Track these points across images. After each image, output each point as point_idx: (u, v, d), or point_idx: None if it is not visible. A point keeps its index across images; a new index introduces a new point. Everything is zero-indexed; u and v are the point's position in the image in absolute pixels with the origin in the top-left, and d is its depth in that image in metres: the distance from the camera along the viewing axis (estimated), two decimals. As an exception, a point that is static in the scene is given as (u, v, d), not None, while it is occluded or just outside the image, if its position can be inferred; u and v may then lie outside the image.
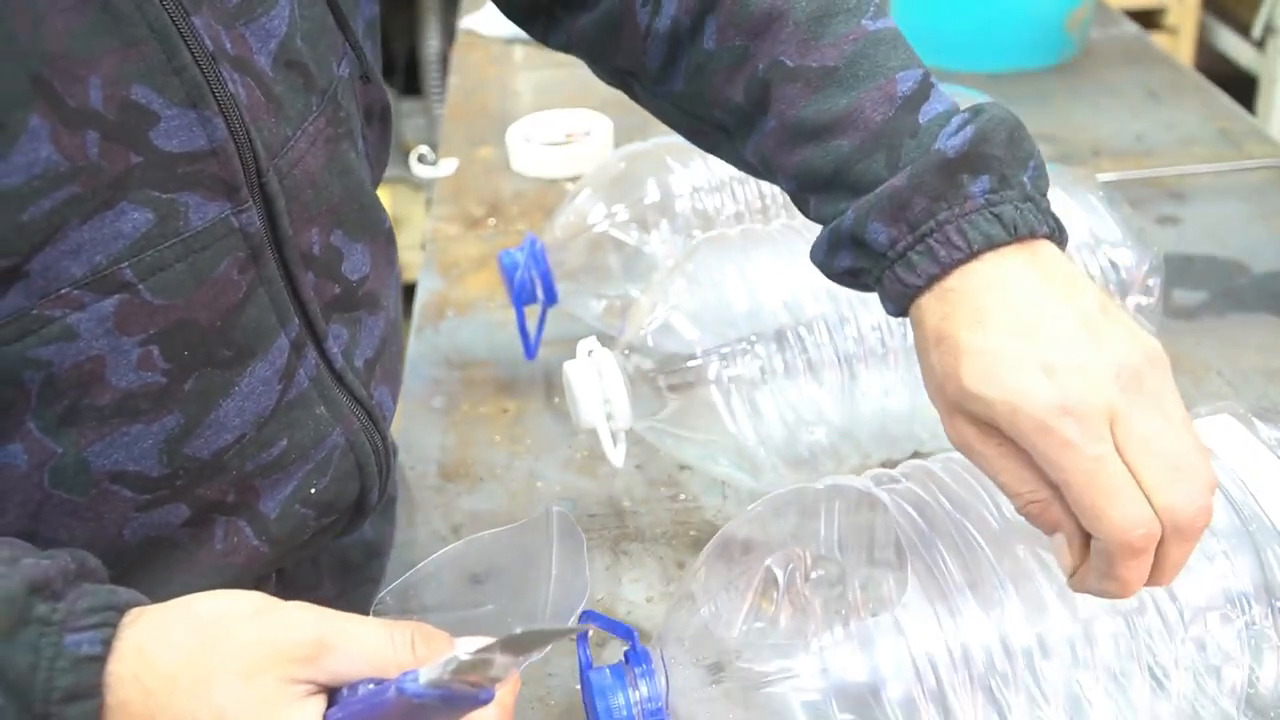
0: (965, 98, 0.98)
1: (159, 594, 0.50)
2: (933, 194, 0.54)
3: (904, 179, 0.54)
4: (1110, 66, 1.45)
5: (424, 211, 1.30)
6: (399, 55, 3.01)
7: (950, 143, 0.54)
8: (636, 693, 0.56)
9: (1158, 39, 2.05)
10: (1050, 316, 0.51)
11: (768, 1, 0.59)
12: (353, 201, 0.63)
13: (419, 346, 1.00)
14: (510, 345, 0.95)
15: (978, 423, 0.52)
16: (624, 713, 0.56)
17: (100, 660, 0.46)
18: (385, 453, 0.66)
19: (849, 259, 0.57)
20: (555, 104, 1.35)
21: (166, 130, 0.52)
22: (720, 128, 0.64)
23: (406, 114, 3.04)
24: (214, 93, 0.53)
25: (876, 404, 0.75)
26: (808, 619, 0.54)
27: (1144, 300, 0.78)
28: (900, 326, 0.74)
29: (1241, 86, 2.47)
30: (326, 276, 0.61)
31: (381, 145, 0.74)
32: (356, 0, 0.67)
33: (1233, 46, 2.75)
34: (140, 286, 0.53)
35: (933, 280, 0.54)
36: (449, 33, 2.37)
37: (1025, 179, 0.55)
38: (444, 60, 2.64)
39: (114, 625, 0.47)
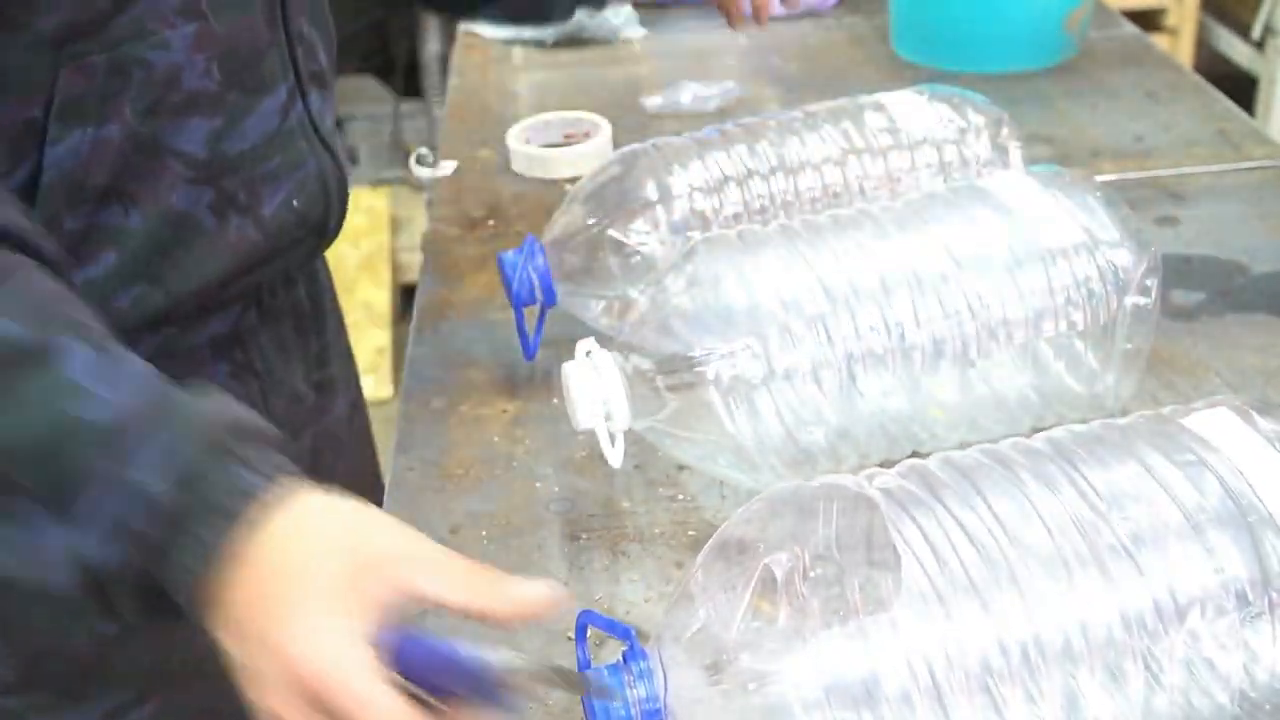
0: (965, 99, 0.99)
1: (189, 270, 0.80)
2: None
3: None
4: (1109, 67, 1.45)
5: (424, 212, 1.30)
6: (399, 56, 3.02)
7: None
8: (634, 692, 0.56)
9: (1157, 40, 2.05)
10: None
11: None
12: (321, 10, 0.88)
13: (419, 347, 1.00)
14: (510, 346, 0.95)
15: None
16: (622, 713, 0.56)
17: (259, 501, 0.56)
18: (342, 188, 0.90)
19: None
20: (554, 106, 1.35)
21: None
22: None
23: (406, 115, 3.04)
24: None
25: (875, 404, 0.75)
26: (806, 619, 0.54)
27: (1141, 300, 0.78)
28: (898, 327, 0.74)
29: (1241, 87, 2.47)
30: (309, 55, 0.85)
31: None
32: None
33: (1232, 47, 2.75)
34: (211, 19, 0.76)
35: None
36: (449, 34, 2.37)
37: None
38: (444, 62, 2.63)
39: (282, 480, 0.57)
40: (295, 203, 0.85)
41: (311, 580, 0.55)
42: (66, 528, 0.57)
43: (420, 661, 0.53)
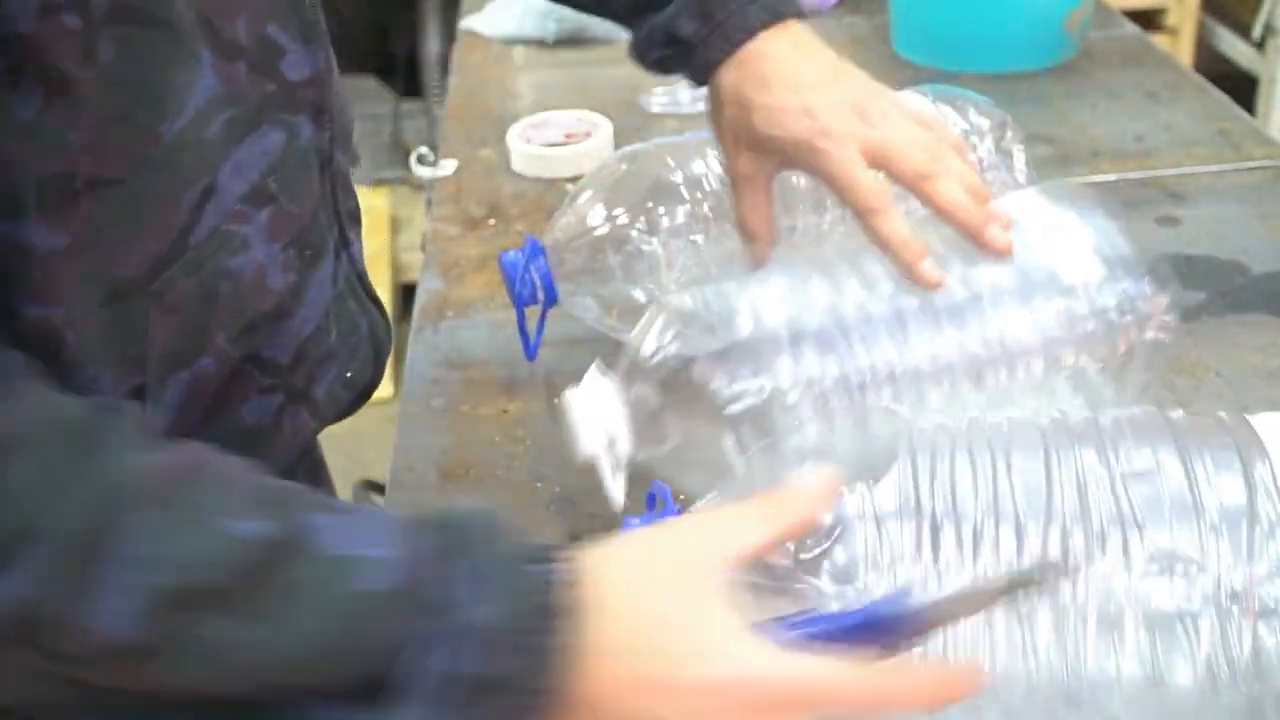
0: (968, 100, 0.99)
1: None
2: None
3: None
4: (1109, 67, 1.45)
5: (424, 212, 1.30)
6: (399, 56, 3.02)
7: None
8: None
9: (1157, 40, 2.05)
10: (806, 75, 0.77)
11: None
12: (351, 129, 0.76)
13: (419, 347, 1.00)
14: (510, 345, 0.95)
15: (758, 157, 0.78)
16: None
17: (567, 584, 0.50)
18: (388, 339, 0.80)
19: (659, 51, 0.81)
20: (555, 105, 1.35)
21: (291, 63, 0.63)
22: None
23: (407, 114, 3.04)
24: (317, 29, 0.65)
25: None
26: None
27: (1160, 336, 0.76)
28: (913, 362, 0.73)
29: (1241, 87, 2.47)
30: (347, 193, 0.73)
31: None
32: None
33: (1232, 47, 2.75)
34: (280, 198, 0.62)
35: (726, 56, 0.77)
36: (449, 33, 2.37)
37: None
38: (444, 61, 2.63)
39: (560, 561, 0.51)
40: (349, 374, 0.73)
41: (671, 612, 0.51)
42: (382, 714, 0.50)
43: (824, 636, 0.51)
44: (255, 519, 0.50)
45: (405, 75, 3.02)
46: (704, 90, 0.82)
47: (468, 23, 1.68)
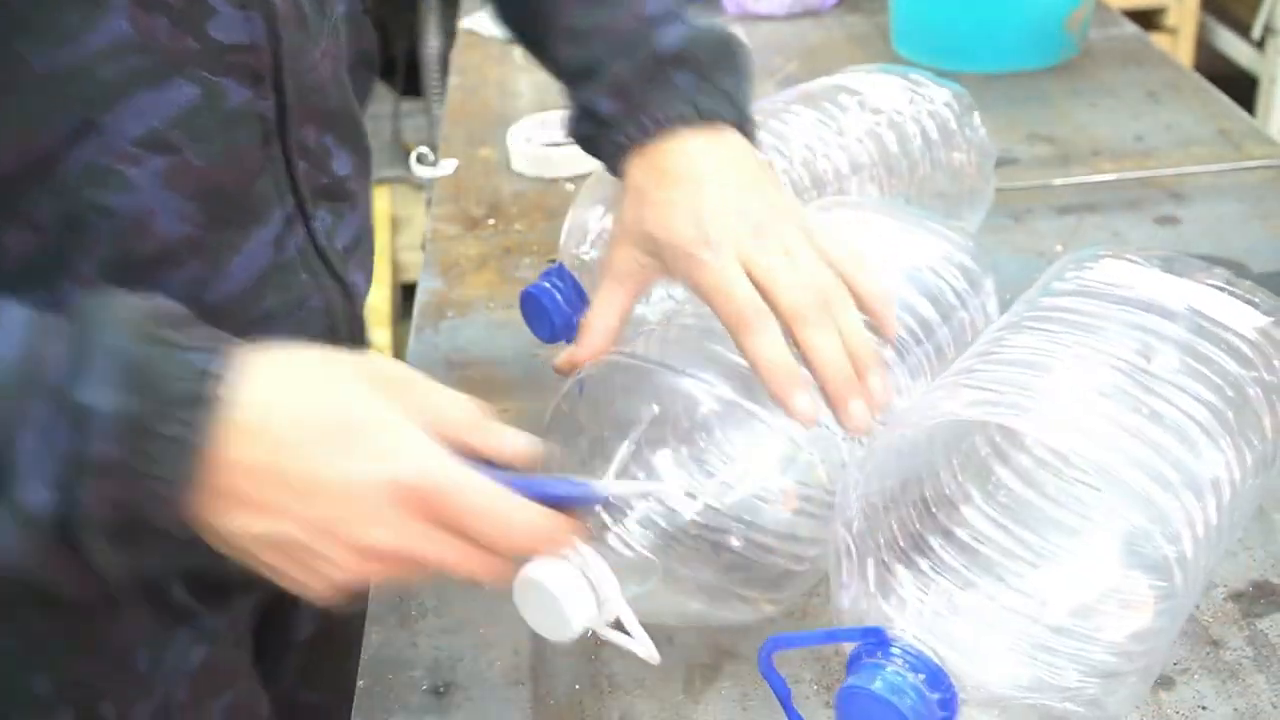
0: (962, 101, 0.99)
1: None
2: (646, 80, 0.72)
3: (627, 67, 0.73)
4: (1110, 67, 1.45)
5: (424, 211, 1.30)
6: (399, 56, 3.01)
7: (666, 45, 0.72)
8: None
9: (1157, 39, 2.05)
10: (711, 181, 0.70)
11: None
12: (343, 113, 0.74)
13: (419, 346, 1.00)
14: (510, 345, 0.95)
15: (637, 256, 0.71)
16: None
17: (217, 377, 0.52)
18: (355, 322, 0.77)
19: (585, 127, 0.76)
20: (555, 104, 1.33)
21: (220, 23, 0.62)
22: (535, 40, 0.83)
23: (406, 114, 3.04)
24: (268, 3, 0.64)
25: None
26: None
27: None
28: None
29: (1241, 86, 2.47)
30: (317, 169, 0.71)
31: (366, 86, 0.85)
32: None
33: (1233, 47, 2.75)
34: (185, 151, 0.63)
35: (638, 145, 0.72)
36: (449, 33, 2.37)
37: (728, 80, 0.73)
38: (444, 60, 2.63)
39: (224, 353, 0.53)
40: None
41: (350, 409, 0.54)
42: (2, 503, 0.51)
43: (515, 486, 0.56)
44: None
45: (405, 75, 3.02)
46: None
47: (467, 22, 1.68)
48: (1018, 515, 0.63)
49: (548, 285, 0.84)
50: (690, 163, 0.70)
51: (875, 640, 0.57)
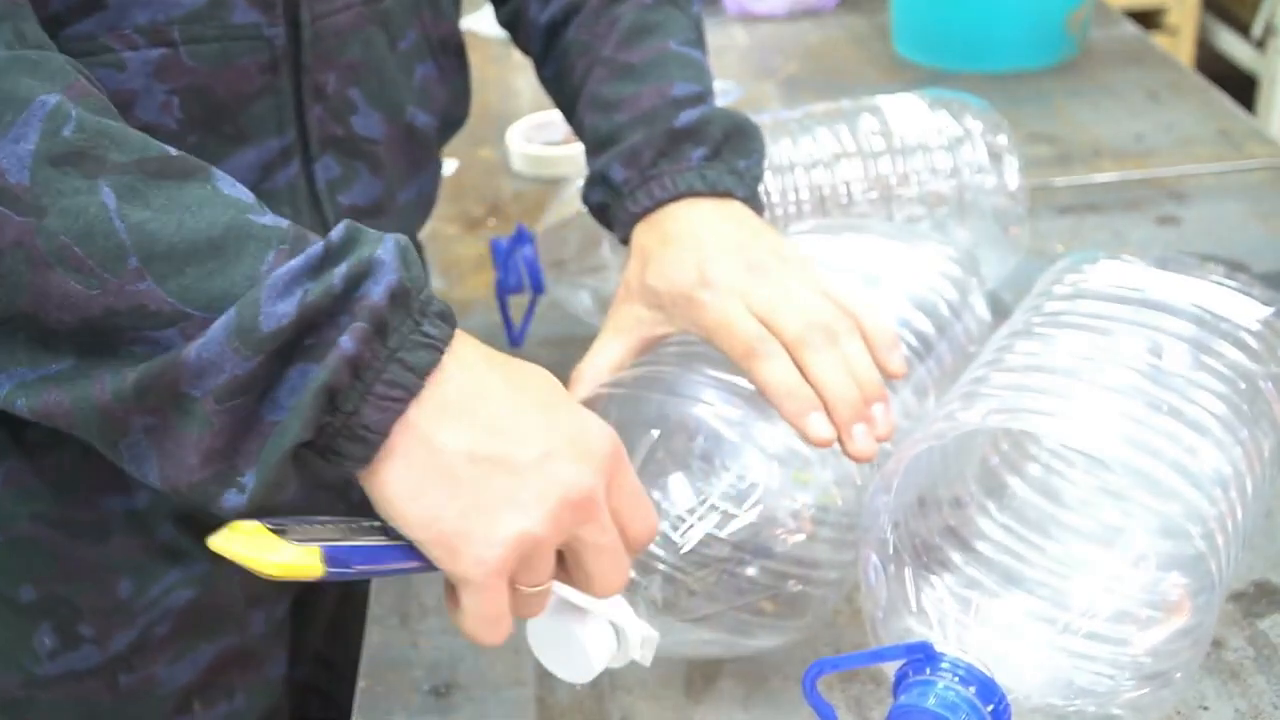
0: (964, 104, 0.99)
1: None
2: (658, 152, 0.74)
3: (644, 138, 0.74)
4: (1110, 67, 1.45)
5: (424, 212, 1.30)
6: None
7: (683, 122, 0.74)
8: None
9: (1158, 39, 2.05)
10: (711, 238, 0.71)
11: (610, 11, 0.81)
12: (374, 74, 0.75)
13: (419, 346, 1.00)
14: (510, 345, 0.95)
15: (639, 312, 0.72)
16: None
17: (440, 349, 0.53)
18: None
19: (598, 194, 0.77)
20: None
21: None
22: (567, 106, 0.85)
23: (407, 114, 3.03)
24: None
25: None
26: None
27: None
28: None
29: (1241, 86, 2.47)
30: (334, 118, 0.73)
31: (456, 78, 0.86)
32: None
33: (1233, 46, 2.75)
34: (182, 48, 0.65)
35: (647, 212, 0.73)
36: (449, 33, 2.36)
37: (739, 161, 0.74)
38: (444, 60, 2.62)
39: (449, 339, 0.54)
40: None
41: (548, 376, 0.57)
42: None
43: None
44: (172, 147, 0.54)
45: (405, 75, 3.02)
46: None
47: (467, 22, 1.68)
48: (1036, 524, 0.63)
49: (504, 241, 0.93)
50: (693, 226, 0.72)
51: (923, 657, 0.56)
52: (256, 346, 0.49)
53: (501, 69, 1.54)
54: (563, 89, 0.84)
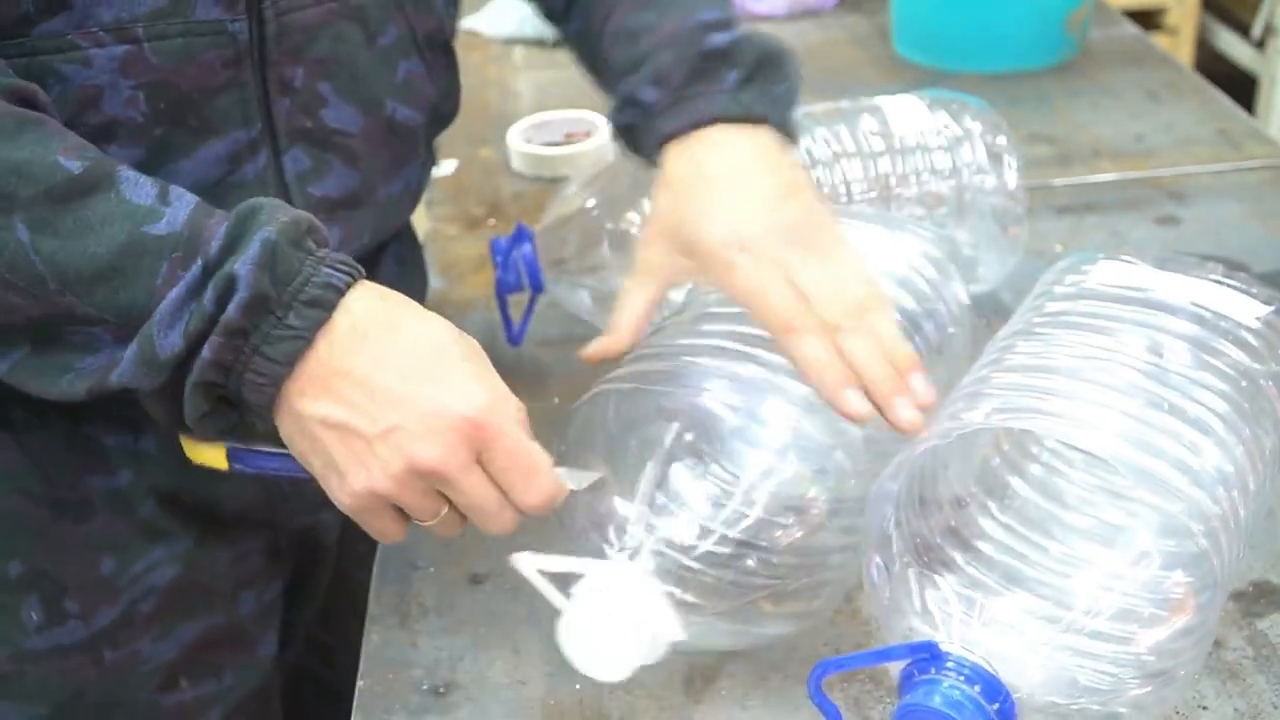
0: (964, 105, 0.99)
1: None
2: (691, 72, 0.73)
3: (674, 59, 0.74)
4: (1110, 67, 1.45)
5: (424, 211, 1.30)
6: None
7: (715, 44, 0.74)
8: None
9: (1158, 39, 2.05)
10: (751, 188, 0.70)
11: None
12: (345, 69, 0.75)
13: (419, 346, 1.00)
14: (510, 345, 0.95)
15: (671, 254, 0.72)
16: None
17: (339, 292, 0.61)
18: None
19: (627, 115, 0.77)
20: (555, 105, 1.35)
21: None
22: (585, 44, 0.85)
23: (407, 114, 3.03)
24: None
25: None
26: None
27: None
28: None
29: (1241, 87, 2.47)
30: (302, 111, 0.74)
31: (444, 74, 0.86)
32: None
33: (1233, 47, 2.75)
34: (146, 45, 0.67)
35: (679, 133, 0.73)
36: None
37: (774, 86, 0.74)
38: (444, 60, 2.62)
39: (355, 278, 0.62)
40: None
41: (445, 349, 0.62)
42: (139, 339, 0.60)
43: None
44: (75, 159, 0.61)
45: (405, 75, 3.01)
46: None
47: (468, 22, 1.68)
48: (1039, 523, 0.63)
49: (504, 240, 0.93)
50: (728, 162, 0.71)
51: (928, 656, 0.57)
52: (160, 369, 0.60)
53: (501, 69, 1.54)
54: (585, 39, 0.84)
